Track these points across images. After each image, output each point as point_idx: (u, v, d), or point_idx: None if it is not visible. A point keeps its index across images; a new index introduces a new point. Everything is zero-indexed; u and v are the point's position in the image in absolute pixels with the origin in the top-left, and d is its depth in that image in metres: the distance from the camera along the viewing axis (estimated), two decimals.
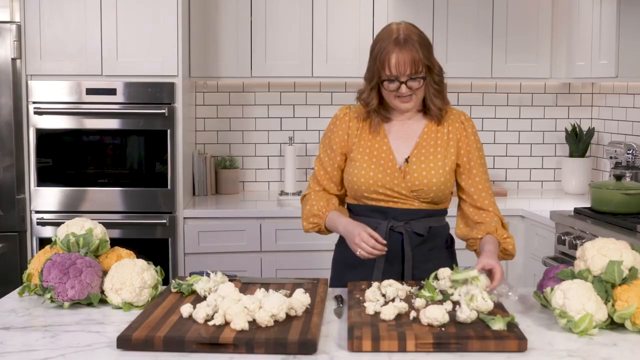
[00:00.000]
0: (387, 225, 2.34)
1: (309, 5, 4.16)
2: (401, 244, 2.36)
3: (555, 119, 4.64)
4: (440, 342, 1.71)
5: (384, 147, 2.36)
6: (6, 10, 4.03)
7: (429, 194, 2.33)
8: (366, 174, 2.34)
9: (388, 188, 2.33)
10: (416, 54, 2.24)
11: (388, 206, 2.35)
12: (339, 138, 2.42)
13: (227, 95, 4.52)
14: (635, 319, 1.84)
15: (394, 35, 2.26)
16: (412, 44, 2.24)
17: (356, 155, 2.38)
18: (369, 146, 2.37)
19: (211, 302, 1.89)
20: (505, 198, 4.34)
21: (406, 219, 2.36)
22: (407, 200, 2.35)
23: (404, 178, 2.33)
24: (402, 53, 2.24)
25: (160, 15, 3.80)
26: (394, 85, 2.27)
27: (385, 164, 2.34)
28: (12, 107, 3.81)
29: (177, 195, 3.87)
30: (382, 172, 2.33)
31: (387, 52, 2.25)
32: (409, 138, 2.38)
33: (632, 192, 3.41)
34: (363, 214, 2.39)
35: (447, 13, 4.22)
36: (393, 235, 2.35)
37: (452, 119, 2.40)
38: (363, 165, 2.35)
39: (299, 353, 1.69)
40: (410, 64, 2.24)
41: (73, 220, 2.25)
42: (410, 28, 2.30)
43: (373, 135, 2.38)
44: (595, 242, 2.00)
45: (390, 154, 2.35)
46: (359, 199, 2.39)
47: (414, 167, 2.33)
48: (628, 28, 3.62)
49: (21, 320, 1.96)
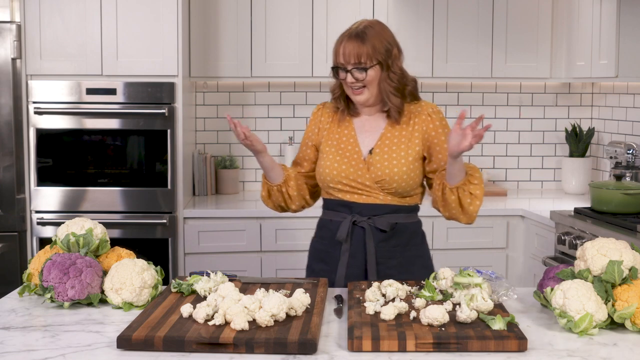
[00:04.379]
0: (350, 220, 2.42)
1: (309, 5, 4.17)
2: (364, 239, 2.42)
3: (555, 118, 4.64)
4: (440, 342, 1.71)
5: (351, 139, 2.46)
6: (6, 10, 4.03)
7: (392, 184, 2.40)
8: (331, 165, 2.44)
9: (352, 179, 2.41)
10: (362, 47, 2.36)
11: (353, 200, 2.43)
12: (311, 132, 2.56)
13: (227, 95, 4.52)
14: (635, 318, 1.84)
15: (351, 28, 2.42)
16: (364, 38, 2.37)
17: (324, 148, 2.49)
18: (336, 139, 2.49)
19: (211, 302, 1.89)
20: (505, 198, 4.34)
21: (370, 214, 2.42)
22: (371, 192, 2.41)
23: (368, 169, 2.41)
24: (349, 43, 2.38)
25: (160, 15, 3.80)
26: (342, 73, 2.40)
27: (350, 155, 2.44)
28: (12, 107, 3.81)
29: (177, 195, 3.88)
30: (346, 164, 2.43)
31: (339, 42, 2.41)
32: (374, 131, 2.47)
33: (632, 192, 3.41)
34: (332, 208, 2.50)
35: (447, 13, 4.22)
36: (356, 230, 2.43)
37: (419, 111, 2.47)
38: (329, 157, 2.46)
39: (299, 353, 1.69)
40: (355, 54, 2.37)
41: (73, 220, 2.25)
42: (372, 24, 2.42)
43: (341, 128, 2.50)
44: (595, 242, 2.00)
45: (356, 146, 2.45)
46: (327, 190, 2.49)
47: (377, 158, 2.41)
48: (628, 28, 3.62)
49: (21, 320, 1.96)
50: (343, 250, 2.44)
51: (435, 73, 4.26)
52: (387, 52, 2.39)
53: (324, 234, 2.53)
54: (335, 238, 2.45)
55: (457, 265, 2.75)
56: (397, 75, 2.42)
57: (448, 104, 4.59)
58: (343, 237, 2.43)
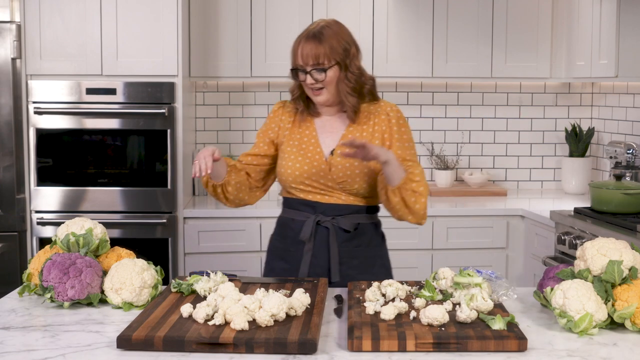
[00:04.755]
0: (314, 220, 2.41)
1: (309, 5, 4.17)
2: (327, 239, 2.41)
3: (555, 118, 4.64)
4: (440, 342, 1.71)
5: (312, 140, 2.45)
6: (6, 10, 4.03)
7: (354, 185, 2.39)
8: (293, 165, 2.42)
9: (314, 180, 2.40)
10: (320, 48, 2.35)
11: (316, 200, 2.42)
12: (271, 129, 2.52)
13: (227, 95, 4.52)
14: (635, 318, 1.84)
15: (308, 28, 2.41)
16: (321, 38, 2.36)
17: (286, 148, 2.47)
18: (298, 139, 2.46)
19: (211, 302, 1.89)
20: (505, 198, 4.34)
21: (334, 214, 2.42)
22: (333, 193, 2.41)
23: (329, 170, 2.40)
24: (307, 44, 2.37)
25: (160, 15, 3.80)
26: (302, 75, 2.40)
27: (312, 156, 2.42)
28: (12, 107, 3.81)
29: (177, 195, 3.88)
30: (308, 164, 2.41)
31: (297, 43, 2.41)
32: (335, 132, 2.46)
33: (632, 192, 3.41)
34: (294, 207, 2.47)
35: (447, 13, 4.22)
36: (320, 230, 2.42)
37: (379, 111, 2.46)
38: (291, 157, 2.44)
39: (299, 353, 1.69)
40: (313, 55, 2.36)
41: (73, 220, 2.24)
42: (329, 24, 2.41)
43: (302, 129, 2.48)
44: (595, 242, 2.00)
45: (317, 147, 2.43)
46: (288, 190, 2.47)
47: (339, 159, 2.40)
48: (628, 28, 3.62)
49: (21, 320, 1.96)
50: (306, 250, 2.42)
51: (435, 73, 4.26)
52: (345, 52, 2.38)
53: (285, 232, 2.50)
54: (299, 237, 2.43)
55: (457, 265, 2.76)
56: (355, 75, 2.41)
57: (448, 104, 4.59)
58: (307, 236, 2.41)
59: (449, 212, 4.00)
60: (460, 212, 4.00)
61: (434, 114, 4.59)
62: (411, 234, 3.91)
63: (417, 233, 3.93)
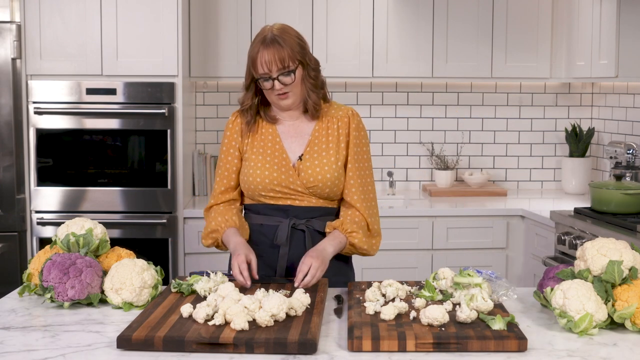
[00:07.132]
0: (289, 224, 2.39)
1: (309, 5, 4.17)
2: (304, 242, 2.39)
3: (555, 119, 4.64)
4: (440, 342, 1.71)
5: (277, 146, 2.42)
6: (6, 10, 4.03)
7: (325, 189, 2.38)
8: (261, 173, 2.39)
9: (284, 186, 2.38)
10: (283, 51, 2.32)
11: (287, 204, 2.40)
12: (234, 141, 2.46)
13: (227, 95, 4.52)
14: (635, 318, 1.84)
15: (263, 35, 2.35)
16: (279, 42, 2.32)
17: (250, 156, 2.43)
18: (261, 146, 2.43)
19: (211, 302, 1.89)
20: (505, 198, 4.35)
21: (307, 216, 2.41)
22: (304, 197, 2.40)
23: (298, 175, 2.38)
24: (268, 50, 2.32)
25: (160, 15, 3.80)
26: (268, 83, 2.35)
27: (279, 162, 2.39)
28: (12, 107, 3.81)
29: (177, 195, 3.88)
30: (277, 171, 2.38)
31: (256, 52, 2.34)
32: (300, 137, 2.44)
33: (632, 192, 3.41)
34: (263, 212, 2.43)
35: (447, 13, 4.22)
36: (296, 233, 2.40)
37: (341, 115, 2.45)
38: (258, 164, 2.40)
39: (299, 353, 1.69)
40: (277, 60, 2.32)
41: (73, 220, 2.25)
42: (281, 28, 2.38)
43: (264, 135, 2.44)
44: (595, 242, 2.00)
45: (283, 153, 2.41)
46: (256, 198, 2.43)
47: (308, 164, 2.38)
48: (628, 28, 3.62)
49: (21, 320, 1.96)
50: (281, 254, 2.39)
51: (435, 73, 4.26)
52: (302, 49, 2.37)
53: (256, 238, 2.45)
54: (275, 242, 2.40)
55: (457, 265, 2.76)
56: (314, 69, 2.40)
57: (448, 104, 4.59)
58: (283, 241, 2.38)
59: (449, 212, 4.00)
60: (460, 212, 4.00)
61: (434, 114, 4.60)
62: (411, 234, 3.91)
63: (417, 233, 3.93)
